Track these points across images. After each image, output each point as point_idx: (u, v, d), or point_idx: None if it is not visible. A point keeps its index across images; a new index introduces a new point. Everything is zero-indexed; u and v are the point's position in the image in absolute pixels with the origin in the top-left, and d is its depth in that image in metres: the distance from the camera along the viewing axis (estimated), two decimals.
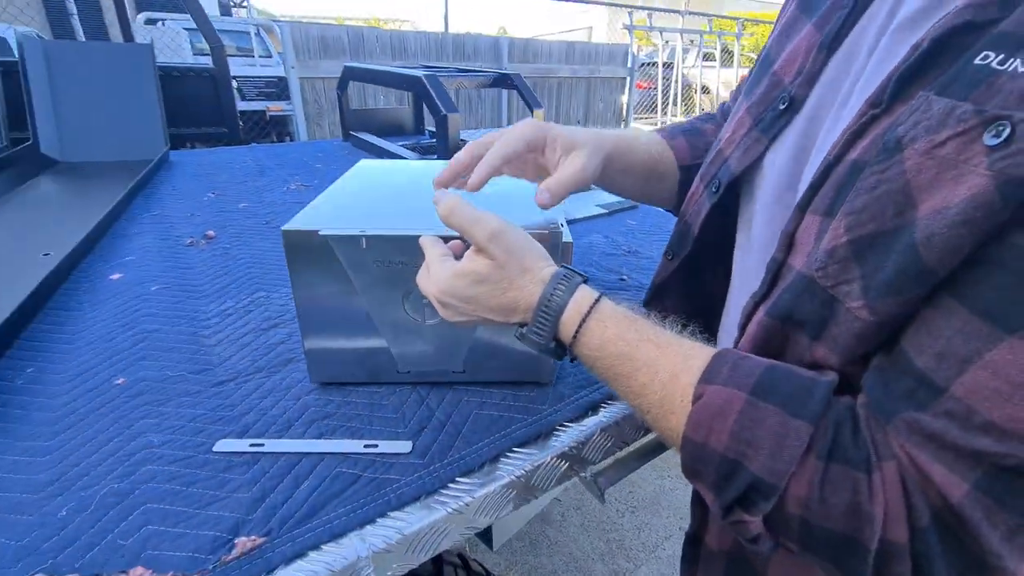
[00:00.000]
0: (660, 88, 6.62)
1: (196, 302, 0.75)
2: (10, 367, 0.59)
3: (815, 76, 0.40)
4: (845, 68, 0.38)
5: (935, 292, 0.27)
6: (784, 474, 0.30)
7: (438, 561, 0.75)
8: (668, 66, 6.78)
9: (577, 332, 0.39)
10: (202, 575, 0.37)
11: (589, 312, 0.39)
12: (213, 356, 0.62)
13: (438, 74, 1.48)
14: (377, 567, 0.41)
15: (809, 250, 0.33)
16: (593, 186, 0.55)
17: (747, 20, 8.34)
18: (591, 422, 0.54)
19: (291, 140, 5.11)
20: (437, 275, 0.42)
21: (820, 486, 0.29)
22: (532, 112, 1.50)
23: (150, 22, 5.41)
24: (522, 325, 0.42)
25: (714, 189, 0.48)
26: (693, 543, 0.46)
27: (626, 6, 6.47)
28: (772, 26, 0.50)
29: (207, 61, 2.59)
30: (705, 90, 7.59)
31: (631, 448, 0.65)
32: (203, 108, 2.52)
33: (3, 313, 0.63)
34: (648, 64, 6.96)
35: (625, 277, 0.86)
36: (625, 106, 5.72)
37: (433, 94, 1.34)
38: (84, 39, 4.24)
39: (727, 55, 7.41)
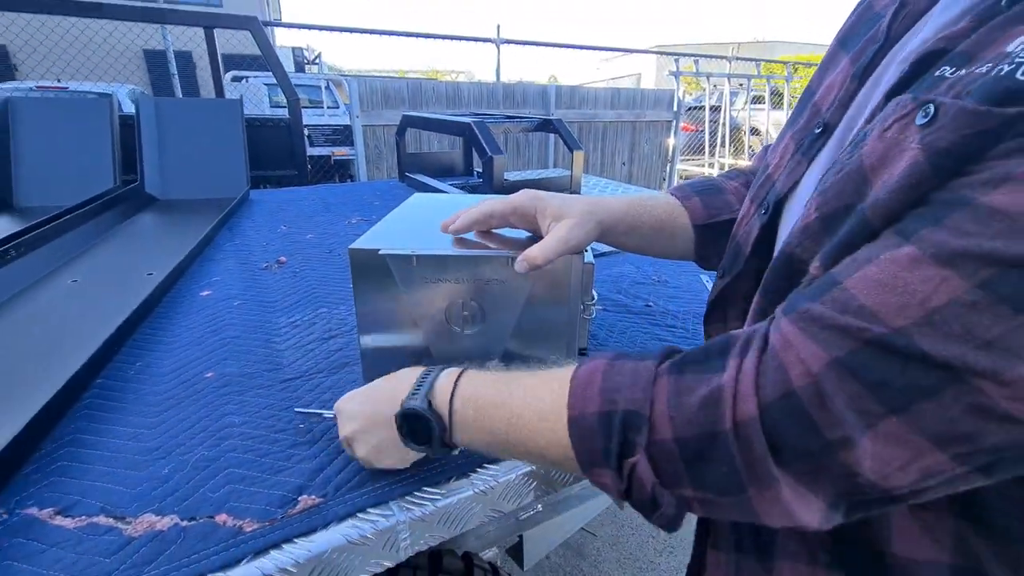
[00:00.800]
0: (708, 131, 6.66)
1: (270, 315, 0.86)
2: (123, 362, 0.72)
3: (847, 103, 0.43)
4: (871, 94, 0.41)
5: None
6: (646, 396, 0.34)
7: (469, 565, 0.80)
8: (716, 109, 6.84)
9: (454, 389, 0.43)
10: (272, 523, 0.45)
11: (460, 375, 0.45)
12: (283, 358, 0.72)
13: (486, 120, 1.62)
14: (412, 533, 0.48)
15: (797, 227, 0.37)
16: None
17: (797, 63, 8.34)
18: None
19: (352, 181, 5.52)
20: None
21: (676, 393, 0.33)
22: (572, 153, 1.60)
23: (236, 79, 6.09)
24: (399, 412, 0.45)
25: (764, 211, 0.50)
26: None
27: (672, 54, 6.64)
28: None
29: (283, 112, 2.90)
30: (755, 131, 7.56)
31: None
32: (278, 153, 2.81)
33: (118, 319, 0.77)
34: (696, 108, 7.05)
35: (651, 304, 0.92)
36: (671, 148, 5.79)
37: (480, 138, 1.47)
38: (182, 94, 4.82)
39: (777, 97, 7.40)
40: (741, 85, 7.39)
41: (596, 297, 0.67)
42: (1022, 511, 0.32)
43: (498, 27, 5.20)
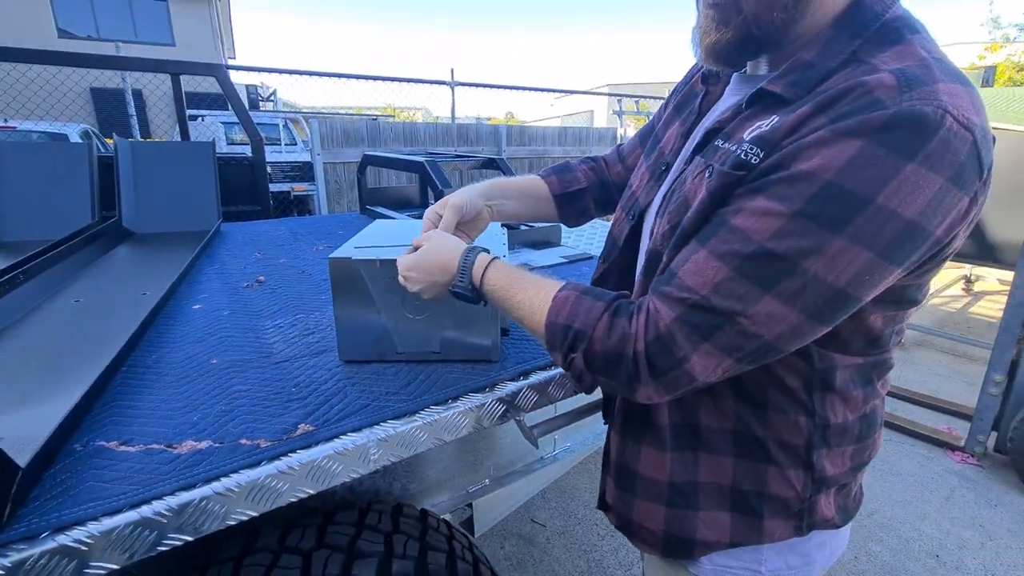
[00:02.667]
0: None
1: (257, 320, 1.05)
2: (142, 354, 0.89)
3: (678, 152, 0.70)
4: (688, 147, 0.67)
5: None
6: (590, 326, 0.55)
7: (424, 516, 0.99)
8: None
9: (484, 274, 0.66)
10: (280, 441, 0.64)
11: (489, 263, 0.67)
12: (273, 349, 0.92)
13: (437, 159, 1.87)
14: (379, 450, 0.68)
15: (657, 235, 0.62)
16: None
17: None
18: (523, 382, 0.82)
19: (310, 215, 5.67)
20: (403, 258, 0.73)
21: (608, 328, 0.54)
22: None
23: (192, 118, 6.21)
24: (451, 284, 0.69)
25: (631, 217, 0.76)
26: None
27: (614, 94, 7.21)
28: None
29: (240, 149, 3.06)
30: None
31: (564, 411, 0.91)
32: (241, 189, 2.96)
33: (134, 323, 0.94)
34: None
35: None
36: None
37: (433, 175, 1.72)
38: (139, 134, 4.90)
39: None
40: None
41: None
42: (765, 387, 0.58)
43: (452, 71, 5.57)
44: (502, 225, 1.07)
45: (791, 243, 0.45)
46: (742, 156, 0.50)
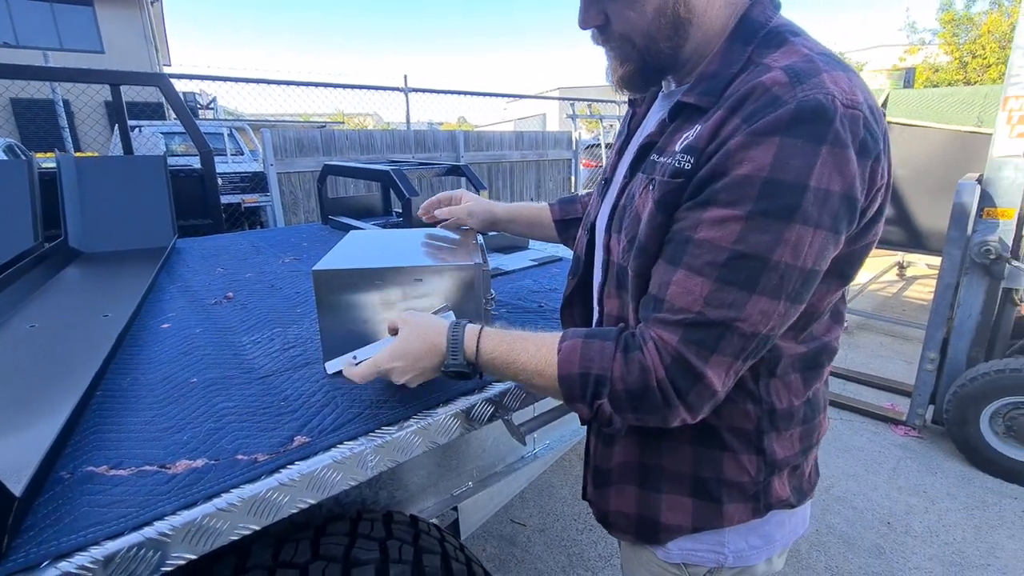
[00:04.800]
0: (604, 165, 7.37)
1: (232, 336, 1.04)
2: (115, 377, 0.87)
3: (615, 168, 0.76)
4: (623, 163, 0.73)
5: (656, 261, 0.58)
6: (608, 367, 0.55)
7: (415, 521, 1.00)
8: (611, 146, 7.60)
9: (478, 346, 0.63)
10: (277, 455, 0.65)
11: (480, 333, 0.65)
12: (254, 364, 0.91)
13: (402, 168, 1.87)
14: (376, 456, 0.69)
15: (618, 251, 0.66)
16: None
17: None
18: (510, 383, 0.85)
19: (262, 227, 5.49)
20: (378, 355, 0.68)
21: (624, 365, 0.55)
22: (479, 193, 1.89)
23: (130, 128, 5.87)
24: (444, 365, 0.65)
25: (587, 232, 0.81)
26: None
27: (568, 99, 7.35)
28: None
29: (181, 161, 2.94)
30: None
31: (548, 408, 0.95)
32: (191, 203, 2.85)
33: (101, 347, 0.91)
34: (594, 145, 7.78)
35: (543, 305, 1.20)
36: (573, 184, 6.37)
37: (399, 183, 1.72)
38: (72, 147, 4.63)
39: None
40: None
41: (494, 294, 0.93)
42: (768, 382, 0.62)
43: (405, 77, 5.54)
44: (477, 232, 1.09)
45: (756, 240, 0.50)
46: (676, 165, 0.56)
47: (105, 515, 0.55)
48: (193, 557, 0.55)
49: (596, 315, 0.75)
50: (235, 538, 0.58)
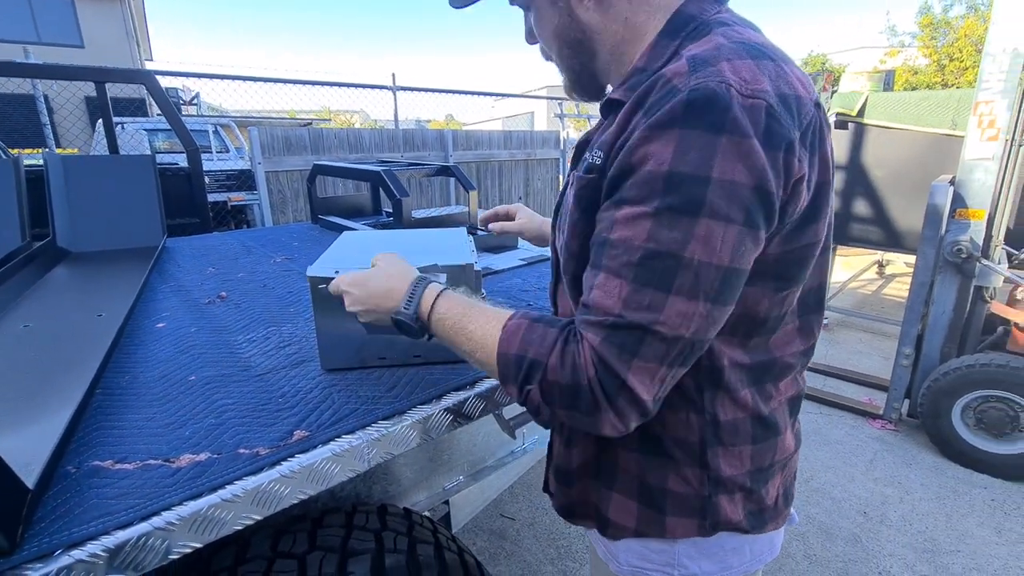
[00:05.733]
0: None
1: (227, 336, 1.06)
2: (113, 376, 0.88)
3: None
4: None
5: (579, 261, 0.59)
6: (545, 355, 0.53)
7: (408, 514, 1.03)
8: None
9: (433, 303, 0.64)
10: (278, 448, 0.67)
11: (440, 293, 0.65)
12: (251, 362, 0.93)
13: (392, 168, 1.89)
14: (376, 450, 0.72)
15: (561, 251, 0.66)
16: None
17: None
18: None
19: (249, 227, 5.44)
20: (343, 275, 0.73)
21: (560, 356, 0.52)
22: (468, 194, 1.92)
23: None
24: (395, 311, 0.65)
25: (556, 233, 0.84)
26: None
27: (556, 98, 7.38)
28: None
29: (167, 158, 2.92)
30: None
31: None
32: (178, 201, 2.83)
33: (98, 346, 0.93)
34: None
35: (532, 304, 1.24)
36: (561, 183, 6.42)
37: (390, 184, 1.74)
38: (55, 144, 4.56)
39: None
40: None
41: (484, 294, 0.96)
42: (713, 394, 0.60)
43: (393, 75, 5.54)
44: (468, 231, 1.12)
45: (665, 237, 0.48)
46: (590, 161, 0.57)
47: (113, 506, 0.57)
48: (199, 545, 0.58)
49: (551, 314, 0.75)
50: (239, 527, 0.61)
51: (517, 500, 2.10)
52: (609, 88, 0.69)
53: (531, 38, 0.71)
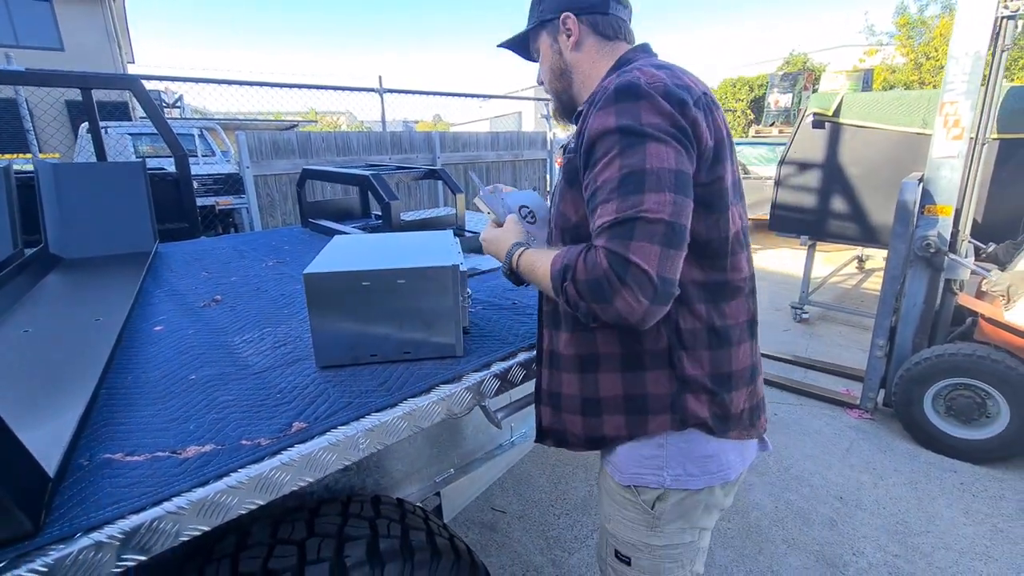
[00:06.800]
0: None
1: (224, 337, 1.10)
2: (116, 376, 0.92)
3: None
4: None
5: (576, 225, 0.80)
6: (573, 260, 0.71)
7: (401, 503, 1.08)
8: None
9: (517, 261, 0.87)
10: (278, 439, 0.72)
11: (520, 253, 0.86)
12: (249, 361, 0.98)
13: (381, 172, 1.94)
14: (369, 440, 0.77)
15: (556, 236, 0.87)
16: None
17: None
18: (486, 372, 0.94)
19: (237, 230, 5.43)
20: (485, 231, 0.97)
21: (584, 260, 0.70)
22: (455, 196, 1.97)
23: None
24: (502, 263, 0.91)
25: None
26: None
27: (543, 99, 7.44)
28: None
29: (153, 163, 2.93)
30: None
31: (520, 396, 1.04)
32: (166, 206, 2.85)
33: (100, 349, 0.97)
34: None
35: (516, 303, 1.29)
36: (548, 183, 6.48)
37: (378, 187, 1.79)
38: (38, 150, 4.53)
39: None
40: None
41: (471, 292, 1.02)
42: (677, 308, 0.77)
43: (380, 78, 5.56)
44: (454, 233, 1.18)
45: (631, 162, 0.69)
46: (570, 148, 0.80)
47: (127, 494, 0.62)
48: (207, 528, 0.63)
49: (538, 308, 0.93)
50: (243, 512, 0.66)
51: (507, 494, 2.16)
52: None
53: (537, 77, 0.99)
